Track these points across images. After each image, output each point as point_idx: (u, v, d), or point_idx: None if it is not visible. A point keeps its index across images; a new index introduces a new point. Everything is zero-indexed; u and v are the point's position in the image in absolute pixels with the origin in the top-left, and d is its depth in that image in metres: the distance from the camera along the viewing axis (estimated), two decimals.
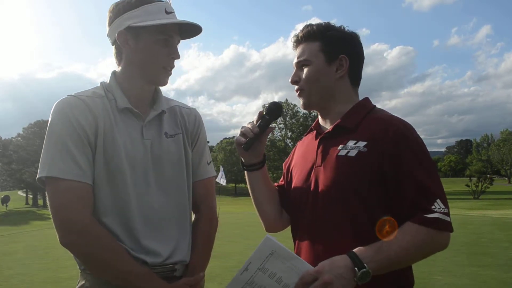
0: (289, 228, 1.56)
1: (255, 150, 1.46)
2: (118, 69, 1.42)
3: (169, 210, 1.40)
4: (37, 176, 1.28)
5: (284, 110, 58.52)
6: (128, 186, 1.32)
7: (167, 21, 1.34)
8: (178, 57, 1.40)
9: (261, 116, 1.44)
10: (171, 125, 1.46)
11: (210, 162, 1.56)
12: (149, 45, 1.34)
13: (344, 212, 1.30)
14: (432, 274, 5.94)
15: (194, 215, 1.52)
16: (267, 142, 1.62)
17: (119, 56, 1.40)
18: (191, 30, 1.43)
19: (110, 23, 1.38)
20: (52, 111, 1.31)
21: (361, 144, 1.32)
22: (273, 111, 1.46)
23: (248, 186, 1.56)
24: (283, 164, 1.68)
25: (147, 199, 1.35)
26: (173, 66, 1.41)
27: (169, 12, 1.35)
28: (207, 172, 1.54)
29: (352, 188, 1.30)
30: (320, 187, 1.36)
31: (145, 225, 1.34)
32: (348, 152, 1.33)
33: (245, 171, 1.53)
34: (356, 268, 1.16)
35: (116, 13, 1.36)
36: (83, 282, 1.35)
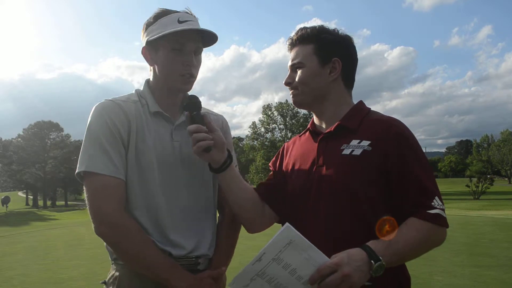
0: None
1: (218, 145, 1.41)
2: (150, 78, 1.55)
3: (195, 207, 1.50)
4: (76, 171, 1.40)
5: (284, 111, 58.78)
6: (156, 183, 1.43)
7: (174, 29, 1.39)
8: (192, 63, 1.45)
9: (191, 116, 1.45)
10: None
11: (236, 166, 1.60)
12: (165, 55, 1.43)
13: (350, 210, 1.32)
14: (433, 274, 5.94)
15: (219, 215, 1.63)
16: (267, 143, 1.63)
17: (149, 67, 1.54)
18: (210, 37, 1.48)
19: (141, 40, 1.51)
20: (91, 113, 1.45)
21: (365, 143, 1.35)
22: (193, 104, 1.48)
23: (224, 190, 1.51)
24: (270, 164, 1.66)
25: (175, 195, 1.46)
26: (190, 72, 1.45)
27: (182, 21, 1.42)
28: None
29: (358, 186, 1.32)
30: (323, 185, 1.37)
31: (171, 219, 1.44)
32: (353, 151, 1.35)
33: (219, 175, 1.47)
34: (372, 261, 1.18)
35: (142, 30, 1.50)
36: (113, 272, 1.47)
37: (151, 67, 1.51)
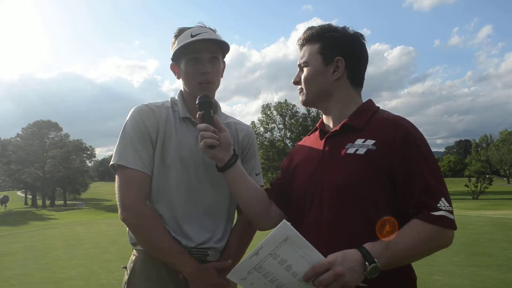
0: None
1: (223, 144, 1.47)
2: (182, 88, 1.72)
3: (210, 205, 1.64)
4: (110, 163, 1.61)
5: (283, 110, 58.74)
6: (178, 181, 1.60)
7: (185, 42, 1.58)
8: (206, 70, 1.59)
9: (202, 116, 1.49)
10: None
11: (259, 173, 1.80)
12: (184, 67, 1.62)
13: (354, 209, 1.32)
14: (432, 274, 5.94)
15: (237, 217, 1.78)
16: (266, 143, 1.65)
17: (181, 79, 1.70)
18: (224, 43, 1.64)
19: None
20: (129, 114, 1.64)
21: (370, 142, 1.34)
22: (205, 103, 1.52)
23: (230, 187, 1.56)
24: (281, 164, 1.69)
25: (193, 193, 1.61)
26: (208, 79, 1.60)
27: (194, 35, 1.59)
28: (255, 181, 1.67)
29: (361, 185, 1.32)
30: (327, 184, 1.37)
31: (187, 214, 1.60)
32: (357, 150, 1.35)
33: (224, 173, 1.52)
34: (366, 263, 1.18)
35: (171, 50, 1.67)
36: (132, 257, 1.67)
37: (181, 79, 1.68)
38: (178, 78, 1.69)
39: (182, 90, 1.71)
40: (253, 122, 59.48)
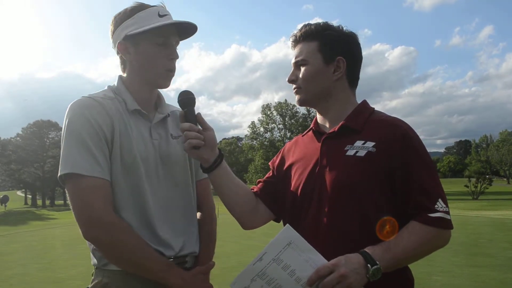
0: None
1: (209, 144, 1.41)
2: (123, 75, 1.50)
3: (179, 205, 1.49)
4: (59, 174, 1.33)
5: (283, 110, 58.78)
6: (143, 182, 1.40)
7: (161, 23, 1.39)
8: (177, 57, 1.45)
9: (185, 114, 1.41)
10: (174, 128, 1.55)
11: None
12: (148, 49, 1.41)
13: (354, 211, 1.31)
14: (431, 274, 5.95)
15: (199, 213, 1.63)
16: (266, 143, 1.63)
17: (123, 64, 1.49)
18: (188, 29, 1.48)
19: (112, 36, 1.46)
20: (68, 112, 1.38)
21: (370, 144, 1.34)
22: (187, 100, 1.42)
23: (215, 188, 1.52)
24: (271, 163, 1.65)
25: (160, 194, 1.44)
26: (174, 68, 1.46)
27: (162, 15, 1.41)
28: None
29: (362, 187, 1.31)
30: (327, 186, 1.36)
31: (158, 218, 1.42)
32: (357, 152, 1.34)
33: (209, 174, 1.46)
34: (368, 265, 1.19)
35: (115, 25, 1.45)
36: (101, 278, 1.40)
37: (127, 64, 1.46)
38: (130, 60, 1.44)
39: (124, 76, 1.49)
40: (253, 122, 59.61)
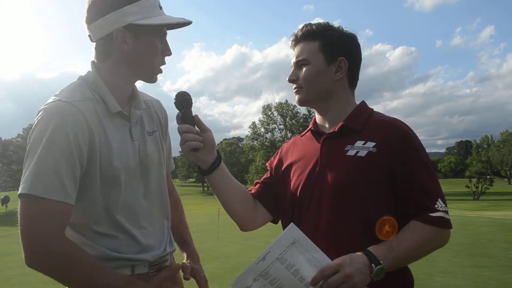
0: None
1: (207, 146, 1.41)
2: (101, 64, 1.33)
3: (157, 205, 1.44)
4: (19, 192, 1.17)
5: (284, 111, 58.77)
6: (122, 191, 1.31)
7: (174, 20, 1.31)
8: (170, 54, 1.37)
9: (182, 115, 1.38)
10: (148, 123, 1.45)
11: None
12: (150, 44, 1.30)
13: (354, 211, 1.32)
14: (432, 275, 5.94)
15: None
16: (267, 143, 1.62)
17: (106, 52, 1.31)
18: (176, 25, 1.39)
19: (101, 16, 1.27)
20: (43, 118, 1.20)
21: (370, 144, 1.34)
22: (184, 101, 1.39)
23: (213, 190, 1.51)
24: (269, 164, 1.65)
25: (139, 198, 1.37)
26: (165, 63, 1.38)
27: (161, 6, 1.33)
28: (172, 165, 1.62)
29: (363, 187, 1.31)
30: (327, 186, 1.36)
31: (139, 226, 1.36)
32: (358, 152, 1.35)
33: (208, 176, 1.46)
34: (372, 265, 1.19)
35: (110, 5, 1.26)
36: None
37: (115, 53, 1.30)
38: (119, 51, 1.29)
39: (104, 66, 1.32)
40: (253, 123, 59.60)
